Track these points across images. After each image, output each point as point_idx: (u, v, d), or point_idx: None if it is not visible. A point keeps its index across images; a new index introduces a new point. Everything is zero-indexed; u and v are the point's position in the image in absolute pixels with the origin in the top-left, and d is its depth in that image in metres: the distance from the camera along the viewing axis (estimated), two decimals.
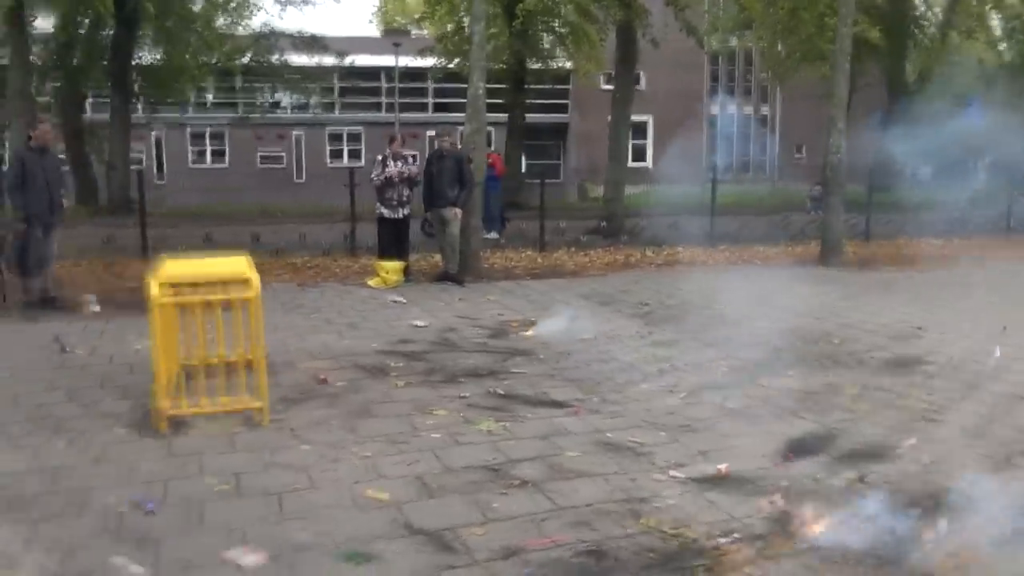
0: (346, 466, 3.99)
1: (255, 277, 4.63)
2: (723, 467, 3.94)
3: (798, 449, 4.23)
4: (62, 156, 19.03)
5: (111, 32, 20.85)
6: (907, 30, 25.05)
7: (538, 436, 4.42)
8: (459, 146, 10.90)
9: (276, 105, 31.87)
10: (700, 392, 5.27)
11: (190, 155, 33.86)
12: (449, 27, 23.75)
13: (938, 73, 24.86)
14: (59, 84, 22.32)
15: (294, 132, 33.94)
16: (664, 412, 4.85)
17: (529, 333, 7.00)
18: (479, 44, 10.07)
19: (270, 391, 5.10)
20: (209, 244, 12.70)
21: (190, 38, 22.04)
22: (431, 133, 21.74)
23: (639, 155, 40.09)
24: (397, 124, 28.25)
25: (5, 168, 7.62)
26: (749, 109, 39.04)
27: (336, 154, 33.84)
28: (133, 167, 27.02)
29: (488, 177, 15.87)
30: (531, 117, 29.63)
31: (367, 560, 3.07)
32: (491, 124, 31.12)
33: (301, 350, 6.40)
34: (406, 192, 9.59)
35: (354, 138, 34.04)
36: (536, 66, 25.03)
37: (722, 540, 3.21)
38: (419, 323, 7.43)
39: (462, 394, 5.21)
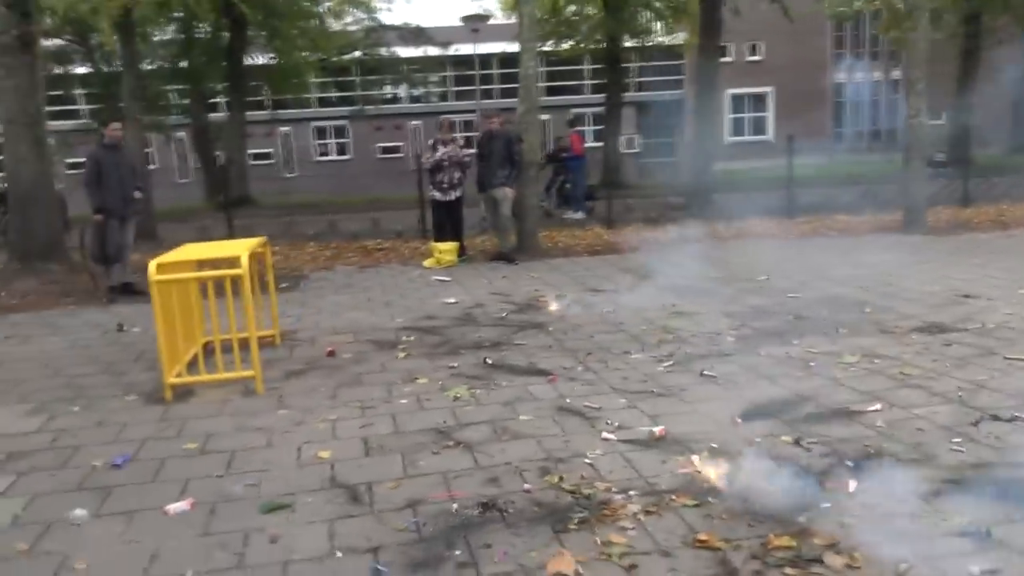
0: (307, 429, 4.30)
1: (246, 258, 4.99)
2: (659, 430, 3.96)
3: (752, 414, 4.18)
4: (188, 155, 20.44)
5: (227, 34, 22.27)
6: None
7: (501, 402, 4.58)
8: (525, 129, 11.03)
9: (393, 98, 33.12)
10: (689, 362, 5.24)
11: (315, 149, 35.67)
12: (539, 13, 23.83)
13: None
14: (184, 87, 24.04)
15: (411, 122, 35.04)
16: (639, 380, 4.88)
17: (552, 308, 7.11)
18: (528, 26, 10.17)
19: (284, 364, 5.54)
20: (293, 232, 13.50)
21: (297, 38, 23.16)
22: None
23: (759, 128, 38.84)
24: (479, 111, 28.56)
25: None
26: (878, 74, 36.93)
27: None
28: (254, 162, 28.80)
29: (569, 158, 16.04)
30: (644, 95, 29.19)
31: (280, 509, 3.34)
32: (588, 105, 31.16)
33: (329, 327, 6.79)
34: (456, 175, 9.84)
35: (468, 125, 34.73)
36: (632, 44, 24.73)
37: (617, 496, 3.28)
38: (450, 300, 7.68)
39: (452, 364, 5.42)
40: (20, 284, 9.12)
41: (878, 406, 4.21)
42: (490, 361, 5.44)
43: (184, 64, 22.69)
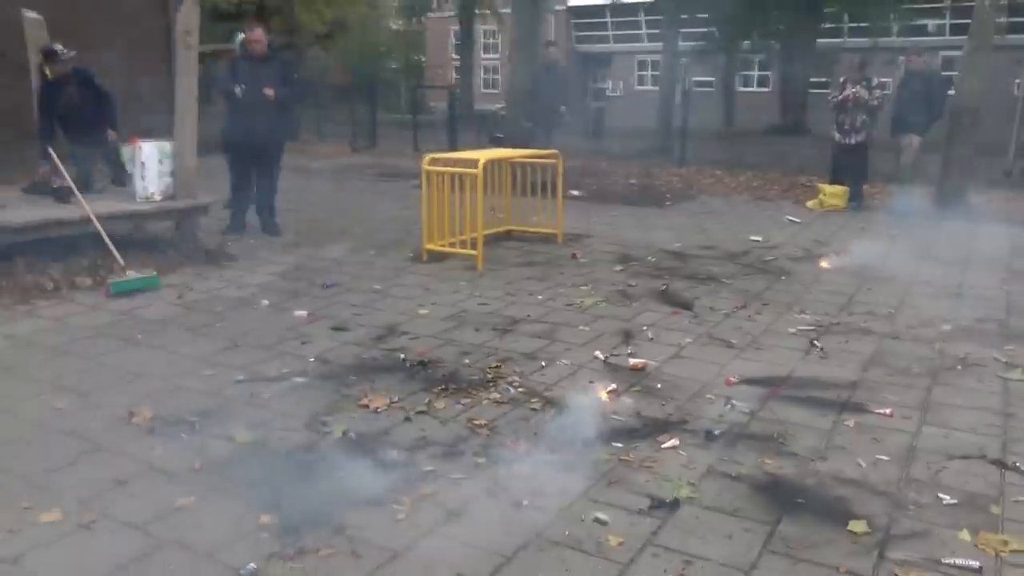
0: (460, 295, 5.63)
1: (482, 163, 6.37)
2: (639, 362, 4.29)
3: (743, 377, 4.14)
4: None
5: None
6: None
7: (598, 315, 5.23)
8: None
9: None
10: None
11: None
12: None
13: None
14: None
15: None
16: (728, 326, 4.94)
17: (824, 264, 6.82)
18: None
19: (528, 256, 6.86)
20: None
21: None
22: None
23: None
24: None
25: None
26: None
27: None
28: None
29: None
30: None
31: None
32: None
33: (618, 239, 7.73)
34: (860, 117, 9.25)
35: None
36: None
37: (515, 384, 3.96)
38: (756, 238, 7.81)
39: (630, 283, 6.04)
40: None
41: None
42: (656, 286, 5.91)
43: None
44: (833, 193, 9.46)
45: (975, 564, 2.51)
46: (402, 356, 4.35)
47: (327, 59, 42.29)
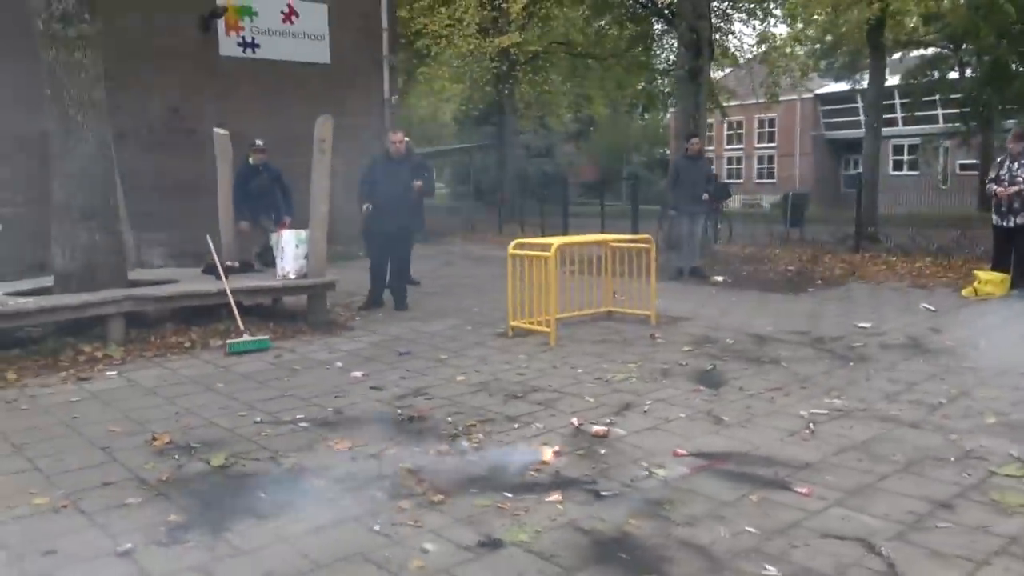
0: (507, 366, 6.14)
1: (555, 248, 6.89)
2: (601, 429, 4.51)
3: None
4: None
5: None
6: None
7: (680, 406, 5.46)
8: None
9: None
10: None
11: None
12: None
13: None
14: None
15: None
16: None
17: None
18: None
19: (611, 334, 7.21)
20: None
21: None
22: None
23: None
24: None
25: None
26: None
27: None
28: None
29: None
30: None
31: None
32: None
33: (715, 323, 7.75)
34: (1018, 199, 8.45)
35: None
36: None
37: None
38: (864, 324, 7.44)
39: (682, 361, 6.15)
40: None
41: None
42: (708, 367, 5.97)
43: None
44: (989, 280, 8.66)
45: None
46: (400, 411, 4.95)
47: (576, 156, 45.06)
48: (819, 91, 39.80)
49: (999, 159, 8.99)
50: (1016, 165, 8.56)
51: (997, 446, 4.27)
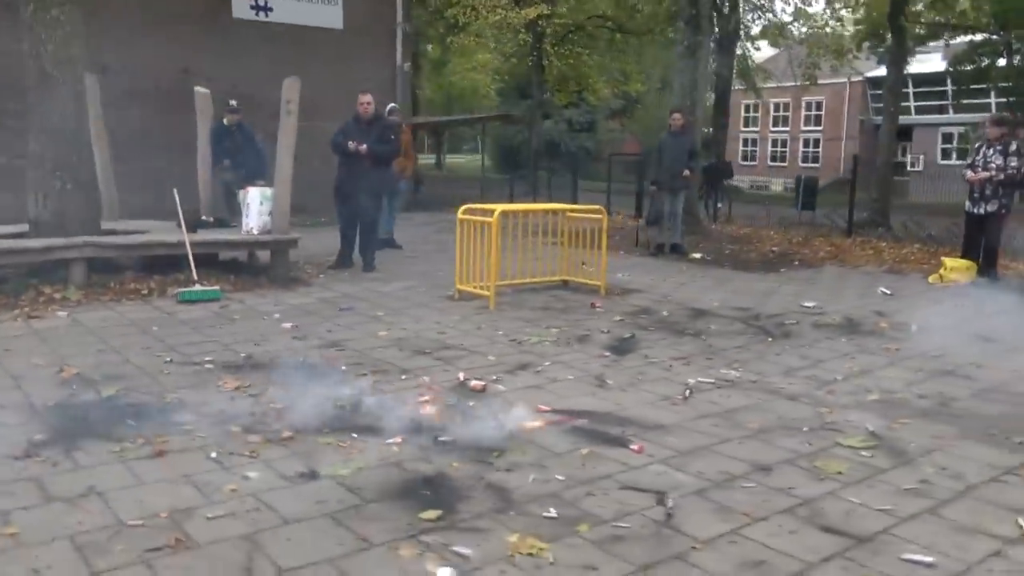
0: (437, 325, 6.36)
1: (498, 214, 7.04)
2: (479, 384, 4.71)
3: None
4: None
5: None
6: None
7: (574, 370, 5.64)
8: None
9: None
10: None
11: None
12: None
13: None
14: None
15: None
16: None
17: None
18: None
19: (555, 301, 7.38)
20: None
21: None
22: None
23: None
24: None
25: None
26: None
27: None
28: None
29: None
30: None
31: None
32: None
33: (664, 296, 7.84)
34: (990, 185, 8.32)
35: None
36: None
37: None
38: (809, 304, 7.47)
39: (604, 327, 6.30)
40: None
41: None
42: (627, 335, 6.10)
43: None
44: (955, 268, 8.57)
45: (468, 552, 2.78)
46: (302, 359, 5.21)
47: (619, 133, 44.77)
48: (869, 74, 38.67)
49: (976, 144, 8.84)
50: (992, 151, 8.42)
51: (861, 420, 4.36)
